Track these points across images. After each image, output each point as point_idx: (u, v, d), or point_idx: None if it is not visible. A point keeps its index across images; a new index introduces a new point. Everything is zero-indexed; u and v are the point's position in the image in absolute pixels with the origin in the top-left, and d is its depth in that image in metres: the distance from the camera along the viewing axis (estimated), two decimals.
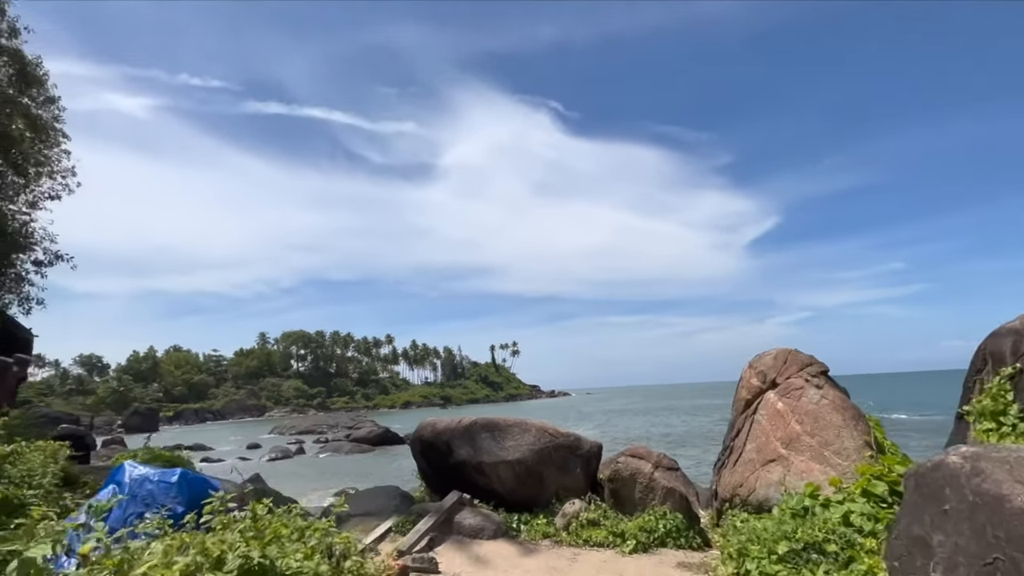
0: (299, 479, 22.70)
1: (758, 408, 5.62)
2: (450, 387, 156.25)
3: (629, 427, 42.95)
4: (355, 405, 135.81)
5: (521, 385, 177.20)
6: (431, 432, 7.50)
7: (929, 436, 26.62)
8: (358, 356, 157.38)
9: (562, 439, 6.91)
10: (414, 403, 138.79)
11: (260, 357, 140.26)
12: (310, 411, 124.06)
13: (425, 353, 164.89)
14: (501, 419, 6.99)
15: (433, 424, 7.59)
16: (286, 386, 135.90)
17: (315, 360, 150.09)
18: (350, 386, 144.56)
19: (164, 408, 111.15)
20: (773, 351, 6.19)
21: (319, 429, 57.41)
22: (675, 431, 35.75)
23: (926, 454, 8.18)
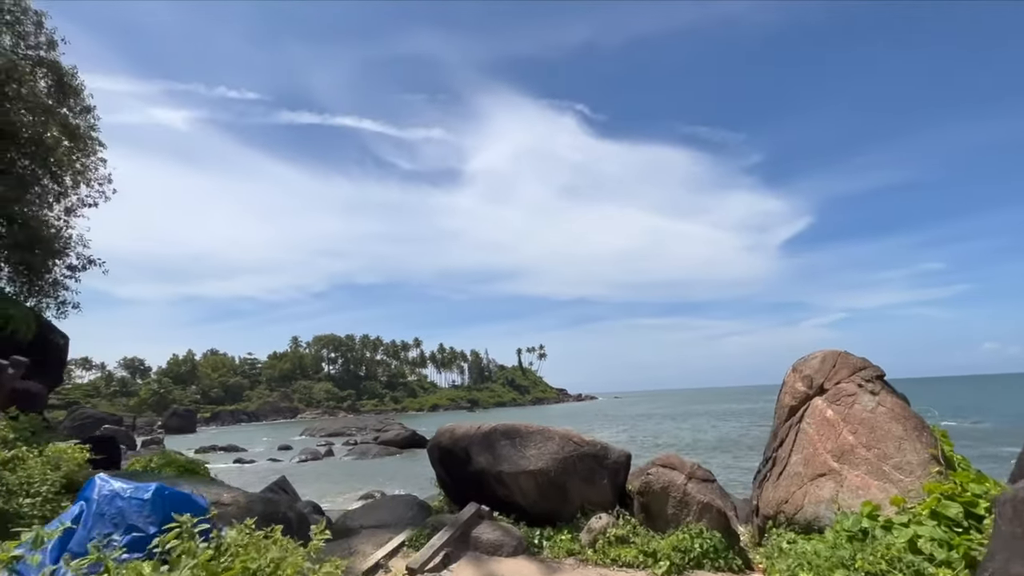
0: (326, 481, 22.76)
1: (804, 416, 5.04)
2: (477, 390, 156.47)
3: (657, 432, 41.89)
4: (384, 408, 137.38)
5: (548, 389, 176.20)
6: (449, 439, 7.11)
7: (979, 445, 24.93)
8: (387, 359, 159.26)
9: (587, 448, 6.44)
10: (441, 406, 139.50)
11: (293, 360, 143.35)
12: (340, 413, 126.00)
13: (452, 356, 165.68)
14: (523, 425, 6.54)
15: (451, 430, 7.20)
16: (317, 388, 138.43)
17: (345, 363, 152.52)
18: (379, 389, 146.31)
19: (202, 409, 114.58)
20: (820, 353, 5.56)
21: (348, 431, 58.06)
22: (704, 436, 34.61)
23: (990, 467, 7.38)
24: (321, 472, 26.48)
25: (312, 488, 20.71)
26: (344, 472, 25.46)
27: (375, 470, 25.51)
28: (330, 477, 24.05)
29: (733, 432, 36.48)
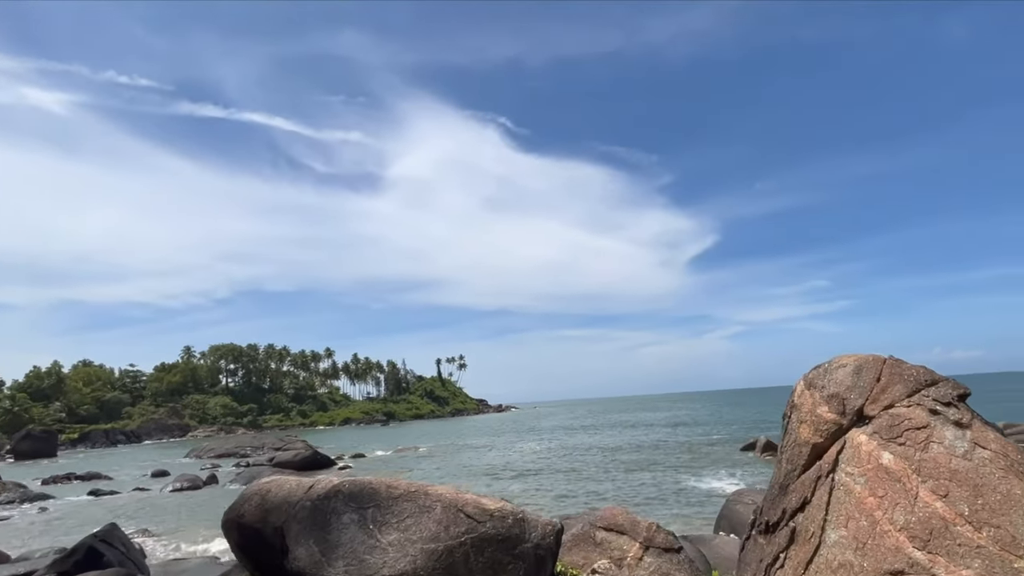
0: (190, 518, 18.74)
1: (841, 462, 3.15)
2: (393, 403, 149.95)
3: (579, 447, 40.62)
4: (290, 423, 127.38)
5: (468, 400, 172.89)
6: (256, 510, 4.30)
7: None
8: (294, 371, 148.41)
9: (491, 525, 3.92)
10: (354, 420, 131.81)
11: (184, 372, 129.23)
12: (239, 430, 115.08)
13: (367, 367, 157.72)
14: (384, 485, 3.95)
15: (263, 493, 4.46)
16: (213, 403, 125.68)
17: (247, 375, 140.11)
18: (285, 403, 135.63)
19: (68, 430, 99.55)
20: (850, 359, 3.57)
21: (242, 451, 51.78)
22: (624, 457, 33.77)
23: None
24: (194, 505, 22.17)
25: (160, 529, 16.69)
26: (215, 507, 21.34)
27: None
28: (196, 513, 19.95)
29: (653, 442, 35.99)
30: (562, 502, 17.91)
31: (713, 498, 17.85)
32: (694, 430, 46.87)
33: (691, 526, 13.66)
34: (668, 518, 15.07)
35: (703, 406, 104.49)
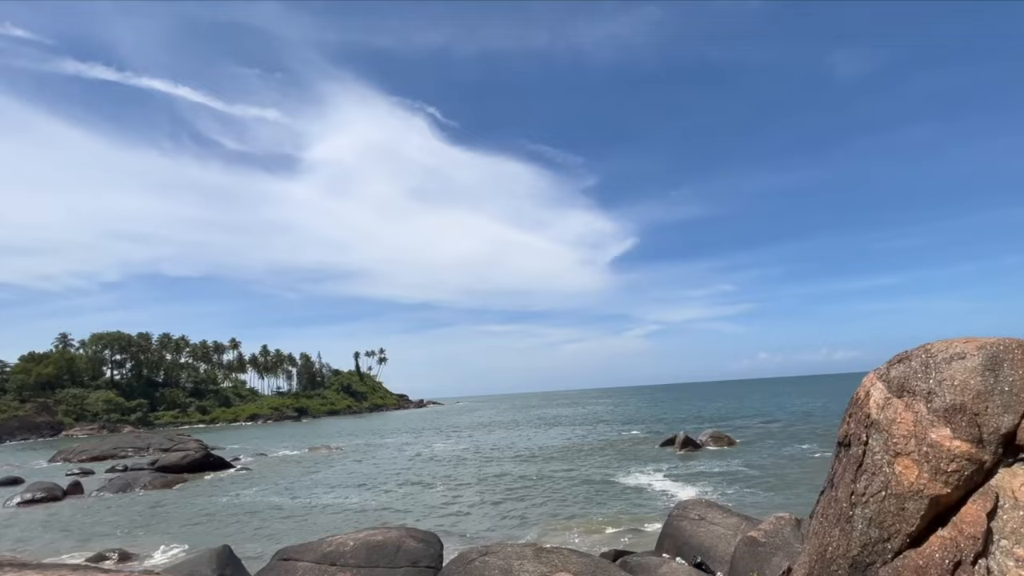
0: (27, 544, 15.21)
1: (996, 536, 1.77)
2: (307, 398, 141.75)
3: (504, 445, 39.51)
4: (187, 420, 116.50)
5: (388, 395, 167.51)
6: None
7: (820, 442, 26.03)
8: (194, 363, 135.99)
9: None
10: (263, 416, 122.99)
11: (58, 363, 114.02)
12: (126, 428, 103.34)
13: (278, 360, 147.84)
14: None
15: None
16: (94, 398, 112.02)
17: (136, 367, 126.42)
18: (182, 398, 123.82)
19: None
20: (971, 344, 2.28)
21: (122, 452, 45.72)
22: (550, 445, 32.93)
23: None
24: (45, 523, 18.32)
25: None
26: (69, 527, 17.66)
27: (118, 518, 18.30)
28: (43, 537, 16.34)
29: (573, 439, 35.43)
30: (498, 512, 16.44)
31: (643, 494, 17.43)
32: (614, 427, 47.38)
33: (628, 527, 12.82)
34: (604, 518, 14.21)
35: (622, 402, 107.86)
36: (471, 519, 14.82)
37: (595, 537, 12.75)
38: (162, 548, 13.88)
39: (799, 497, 15.75)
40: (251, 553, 12.52)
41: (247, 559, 10.61)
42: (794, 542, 5.27)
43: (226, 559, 9.17)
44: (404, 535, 6.15)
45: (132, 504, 21.81)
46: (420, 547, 5.97)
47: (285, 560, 6.26)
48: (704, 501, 8.06)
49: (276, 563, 6.41)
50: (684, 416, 55.57)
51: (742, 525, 6.86)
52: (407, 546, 5.91)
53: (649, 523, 13.66)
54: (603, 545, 11.85)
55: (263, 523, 16.27)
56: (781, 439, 31.17)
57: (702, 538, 6.72)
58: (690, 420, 48.51)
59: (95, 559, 12.71)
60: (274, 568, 6.32)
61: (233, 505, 19.64)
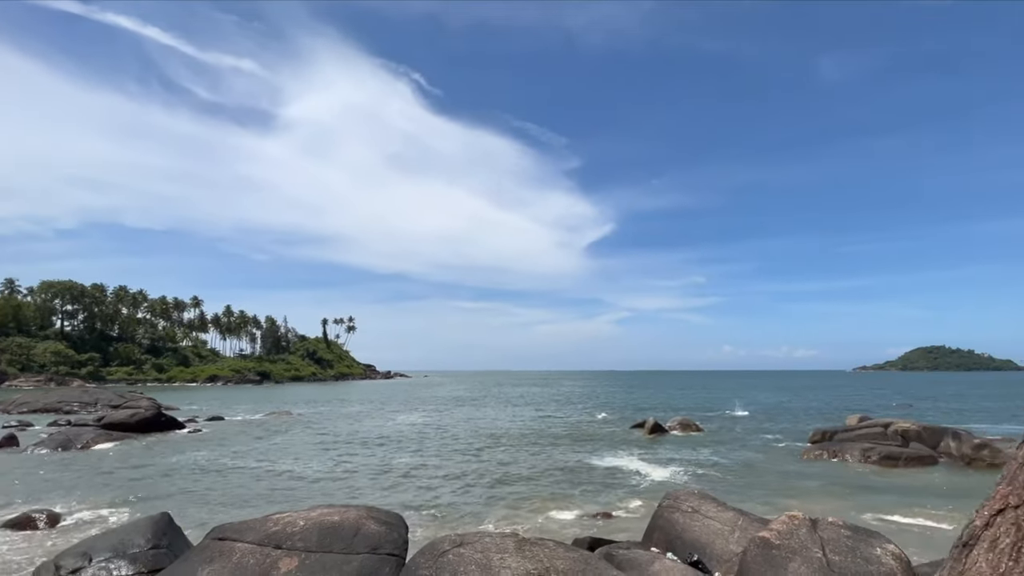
0: None
1: None
2: (270, 362, 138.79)
3: (472, 420, 39.00)
4: (142, 377, 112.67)
5: (354, 364, 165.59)
6: None
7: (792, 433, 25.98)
8: (152, 319, 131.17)
9: None
10: (223, 378, 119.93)
11: (4, 309, 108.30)
12: (75, 382, 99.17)
13: (242, 321, 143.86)
14: None
15: None
16: (41, 348, 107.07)
17: (89, 319, 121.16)
18: (137, 354, 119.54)
19: None
20: None
21: (67, 407, 43.46)
22: (520, 423, 32.52)
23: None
24: None
25: None
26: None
27: (51, 479, 16.91)
28: None
29: (542, 418, 35.13)
30: (465, 491, 15.73)
31: (614, 476, 17.12)
32: (584, 408, 47.43)
33: (601, 510, 12.34)
34: (575, 499, 13.69)
35: (591, 385, 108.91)
36: (435, 496, 14.11)
37: (566, 518, 12.21)
38: (97, 511, 12.74)
39: (770, 487, 15.58)
40: (195, 521, 11.53)
41: (190, 528, 9.66)
42: (811, 546, 4.67)
43: (164, 528, 8.17)
44: (363, 515, 5.29)
45: (71, 462, 20.35)
46: (382, 530, 5.13)
47: (221, 540, 5.33)
48: (697, 492, 7.45)
49: (210, 542, 5.48)
50: (652, 402, 56.15)
51: (739, 520, 6.26)
52: (367, 529, 5.07)
53: (620, 506, 13.22)
54: (576, 528, 11.29)
55: (211, 489, 15.22)
56: (747, 429, 31.49)
57: (697, 533, 6.10)
58: (658, 406, 48.93)
59: (21, 520, 11.52)
60: (207, 548, 5.39)
61: (182, 468, 18.48)
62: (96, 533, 10.17)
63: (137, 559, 7.14)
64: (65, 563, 6.95)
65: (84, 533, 10.74)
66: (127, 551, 7.26)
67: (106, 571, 6.82)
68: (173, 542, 8.13)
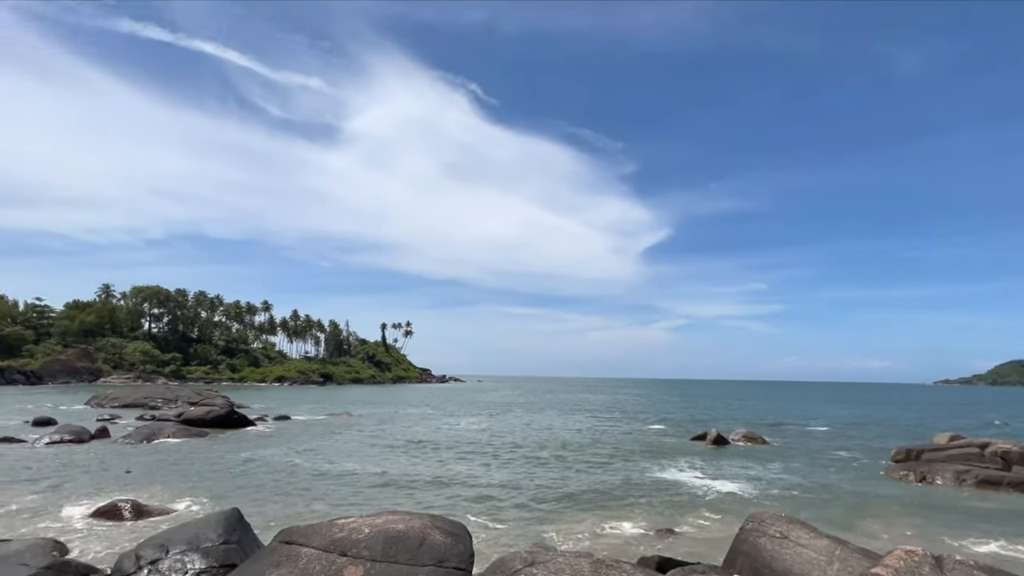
0: (48, 482, 15.06)
1: None
2: (333, 364, 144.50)
3: (529, 427, 38.82)
4: (217, 376, 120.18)
5: (411, 368, 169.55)
6: None
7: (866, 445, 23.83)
8: (227, 322, 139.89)
9: None
10: (289, 378, 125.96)
11: (101, 312, 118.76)
12: (160, 379, 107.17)
13: (308, 325, 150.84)
14: None
15: None
16: (131, 348, 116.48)
17: (173, 322, 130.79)
18: (214, 354, 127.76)
19: None
20: None
21: (151, 402, 46.86)
22: (576, 431, 31.90)
23: None
24: (66, 464, 18.37)
25: (17, 493, 12.82)
26: (88, 469, 17.62)
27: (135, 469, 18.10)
28: (63, 477, 16.27)
29: (598, 427, 34.28)
30: (522, 500, 15.55)
31: (677, 489, 16.34)
32: (640, 417, 46.14)
33: (664, 525, 11.74)
34: (643, 514, 13.05)
35: (645, 393, 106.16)
36: (492, 505, 13.92)
37: (627, 533, 11.71)
38: (175, 503, 13.48)
39: (849, 509, 14.35)
40: (263, 517, 11.95)
41: (257, 524, 9.97)
42: None
43: (234, 524, 8.45)
44: (428, 525, 5.17)
45: (153, 453, 21.83)
46: (447, 542, 4.99)
47: (288, 543, 5.38)
48: (784, 515, 6.83)
49: (277, 545, 5.55)
50: (711, 412, 53.86)
51: (836, 550, 5.64)
52: (432, 539, 4.94)
53: (685, 522, 12.55)
54: (639, 544, 10.80)
55: (277, 486, 15.80)
56: (818, 444, 29.49)
57: (788, 562, 5.54)
58: (719, 417, 46.87)
59: (109, 509, 12.34)
60: (275, 551, 5.44)
61: (251, 464, 19.34)
62: (172, 526, 10.73)
63: (209, 553, 7.38)
64: (144, 553, 7.28)
65: (162, 524, 11.36)
66: (200, 545, 7.53)
67: (180, 564, 7.08)
68: (243, 538, 8.38)
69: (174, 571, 6.98)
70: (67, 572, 6.59)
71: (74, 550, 9.67)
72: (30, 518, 11.94)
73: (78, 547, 9.76)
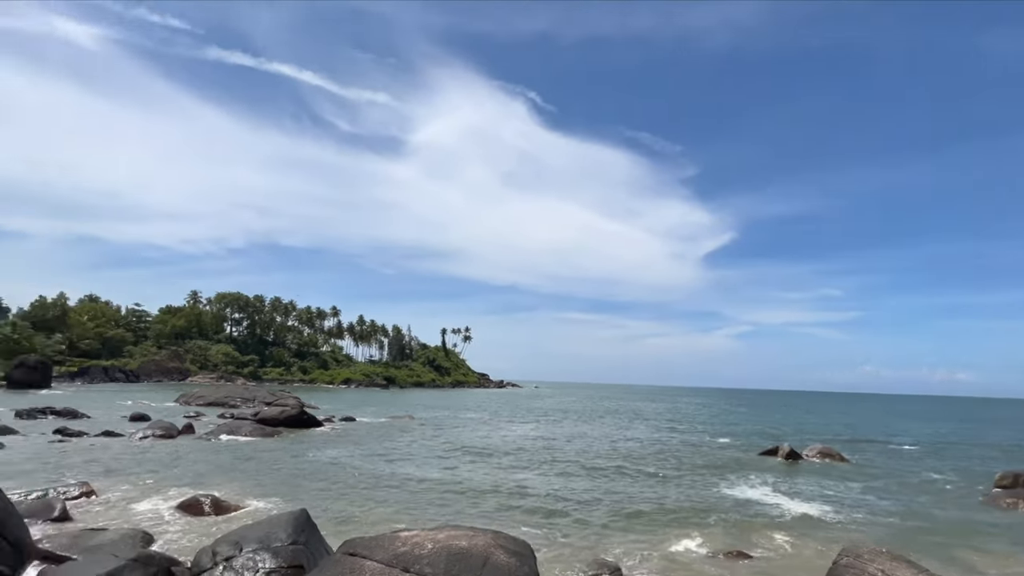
0: (144, 473, 16.36)
1: None
2: (395, 368, 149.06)
3: (588, 436, 38.16)
4: (290, 378, 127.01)
5: (470, 372, 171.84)
6: None
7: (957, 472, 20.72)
8: (299, 326, 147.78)
9: None
10: (355, 381, 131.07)
11: (189, 317, 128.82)
12: (239, 380, 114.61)
13: (372, 330, 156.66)
14: None
15: None
16: (215, 350, 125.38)
17: (251, 326, 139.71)
18: (287, 357, 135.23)
19: (68, 362, 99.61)
20: None
21: (231, 401, 50.10)
22: (637, 442, 30.91)
23: None
24: (158, 457, 19.95)
25: (117, 482, 14.02)
26: (177, 462, 18.99)
27: (215, 465, 19.27)
28: (155, 469, 17.63)
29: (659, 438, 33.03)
30: (583, 514, 15.25)
31: (751, 509, 15.30)
32: (703, 428, 44.20)
33: (741, 547, 10.98)
34: (712, 533, 12.27)
35: (708, 403, 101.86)
36: (553, 519, 13.60)
37: (696, 553, 11.08)
38: (248, 499, 14.18)
39: (947, 539, 12.92)
40: (328, 518, 12.34)
41: (320, 523, 10.25)
42: None
43: (302, 524, 8.74)
44: (492, 543, 5.06)
45: (231, 450, 23.22)
46: (512, 562, 4.85)
47: (352, 555, 5.44)
48: (882, 551, 6.18)
49: (341, 557, 5.63)
50: (781, 425, 50.73)
51: None
52: (496, 559, 4.82)
53: (758, 544, 11.75)
54: (709, 567, 10.21)
55: (342, 487, 16.31)
56: (904, 463, 27.01)
57: None
58: (789, 431, 44.08)
59: (191, 503, 13.17)
60: (339, 563, 5.52)
61: (318, 465, 20.11)
62: (245, 521, 11.28)
63: (279, 553, 7.65)
64: (220, 550, 7.65)
65: (237, 520, 11.97)
66: (271, 544, 7.81)
67: (252, 562, 7.37)
68: (309, 539, 8.64)
69: (246, 569, 7.28)
70: (151, 564, 7.01)
71: (159, 539, 10.36)
72: (124, 507, 12.96)
73: (163, 539, 10.44)
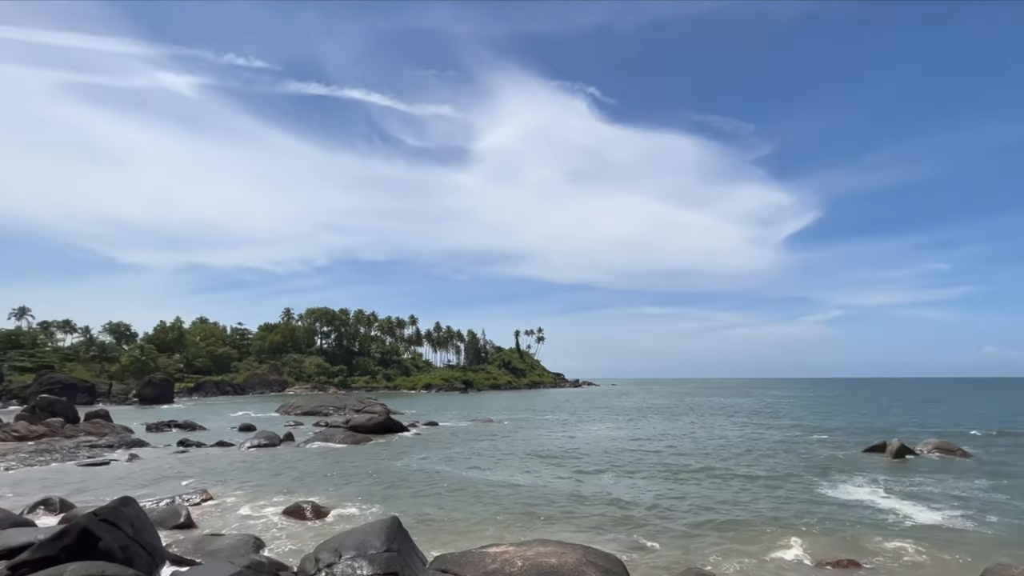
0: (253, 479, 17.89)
1: None
2: (472, 371, 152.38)
3: (672, 434, 36.95)
4: (375, 385, 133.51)
5: (545, 373, 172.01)
6: None
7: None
8: (381, 336, 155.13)
9: None
10: (435, 386, 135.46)
11: (284, 332, 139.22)
12: (331, 389, 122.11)
13: (448, 336, 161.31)
14: None
15: None
16: (308, 362, 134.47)
17: (338, 338, 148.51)
18: (372, 365, 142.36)
19: (186, 379, 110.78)
20: None
21: (325, 410, 53.44)
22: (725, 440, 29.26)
23: None
24: (264, 464, 21.76)
25: (231, 488, 15.47)
26: (280, 468, 20.54)
27: (314, 471, 20.60)
28: (263, 475, 19.20)
29: (749, 434, 31.07)
30: (672, 521, 14.83)
31: (860, 512, 14.05)
32: (794, 422, 41.29)
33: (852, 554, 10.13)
34: (816, 540, 11.44)
35: (798, 395, 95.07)
36: (642, 527, 13.15)
37: (799, 562, 10.35)
38: (343, 504, 15.04)
39: None
40: (419, 524, 12.80)
41: (415, 531, 10.65)
42: None
43: (395, 532, 9.14)
44: (583, 560, 5.04)
45: (326, 456, 24.77)
46: None
47: (444, 572, 5.63)
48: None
49: (435, 573, 5.83)
50: (885, 417, 46.22)
51: None
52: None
53: (871, 551, 10.79)
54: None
55: (431, 493, 16.85)
56: None
57: None
58: (896, 423, 40.16)
59: (294, 508, 14.18)
60: None
61: (406, 470, 20.92)
62: (342, 527, 12.00)
63: (375, 560, 8.06)
64: (322, 557, 8.18)
65: (334, 525, 12.75)
66: (367, 552, 8.25)
67: (351, 569, 7.82)
68: (402, 546, 9.02)
69: (345, 575, 7.74)
70: (262, 571, 7.63)
71: (269, 543, 11.24)
72: (237, 512, 14.20)
73: (271, 544, 11.32)
